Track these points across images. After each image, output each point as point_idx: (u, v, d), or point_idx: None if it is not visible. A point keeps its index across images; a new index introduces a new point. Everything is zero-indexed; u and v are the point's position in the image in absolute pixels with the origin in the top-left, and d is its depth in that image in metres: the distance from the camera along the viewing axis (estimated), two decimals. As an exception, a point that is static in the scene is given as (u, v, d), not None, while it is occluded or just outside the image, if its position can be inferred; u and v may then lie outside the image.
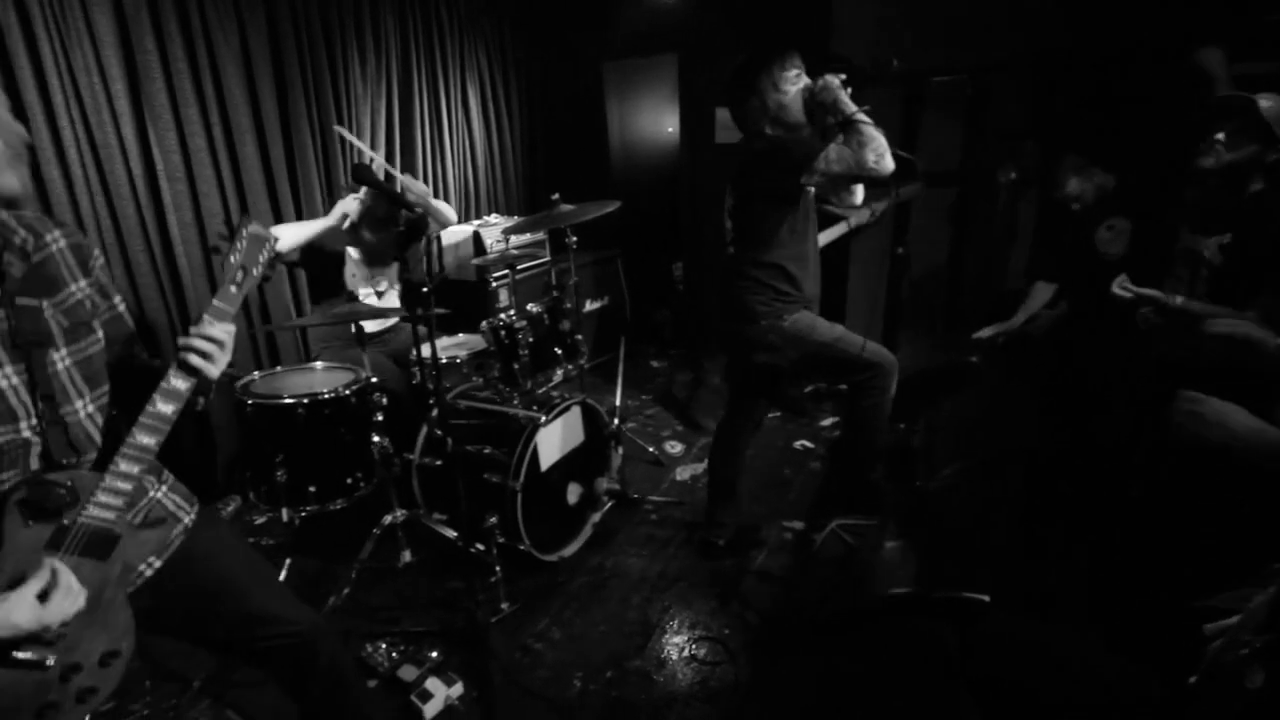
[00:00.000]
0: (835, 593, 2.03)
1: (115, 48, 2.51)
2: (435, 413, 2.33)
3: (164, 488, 1.21)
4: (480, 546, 2.24)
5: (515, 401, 2.45)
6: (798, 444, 3.33)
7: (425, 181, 3.81)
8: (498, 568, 2.22)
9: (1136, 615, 1.38)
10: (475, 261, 3.19)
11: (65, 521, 0.98)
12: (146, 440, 1.03)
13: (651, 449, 3.27)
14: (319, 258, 2.65)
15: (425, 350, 2.06)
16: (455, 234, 3.66)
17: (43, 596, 0.94)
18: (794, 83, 2.00)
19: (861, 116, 1.88)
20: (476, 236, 3.58)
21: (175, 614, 1.18)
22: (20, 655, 0.94)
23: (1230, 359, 1.70)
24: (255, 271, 1.11)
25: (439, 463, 2.34)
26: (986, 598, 1.23)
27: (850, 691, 1.49)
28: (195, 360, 1.06)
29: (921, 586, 1.48)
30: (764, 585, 2.30)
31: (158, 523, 1.14)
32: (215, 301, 1.08)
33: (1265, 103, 1.83)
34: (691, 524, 2.65)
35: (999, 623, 1.26)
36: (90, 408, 1.11)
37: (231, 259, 1.09)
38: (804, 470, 3.09)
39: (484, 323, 2.51)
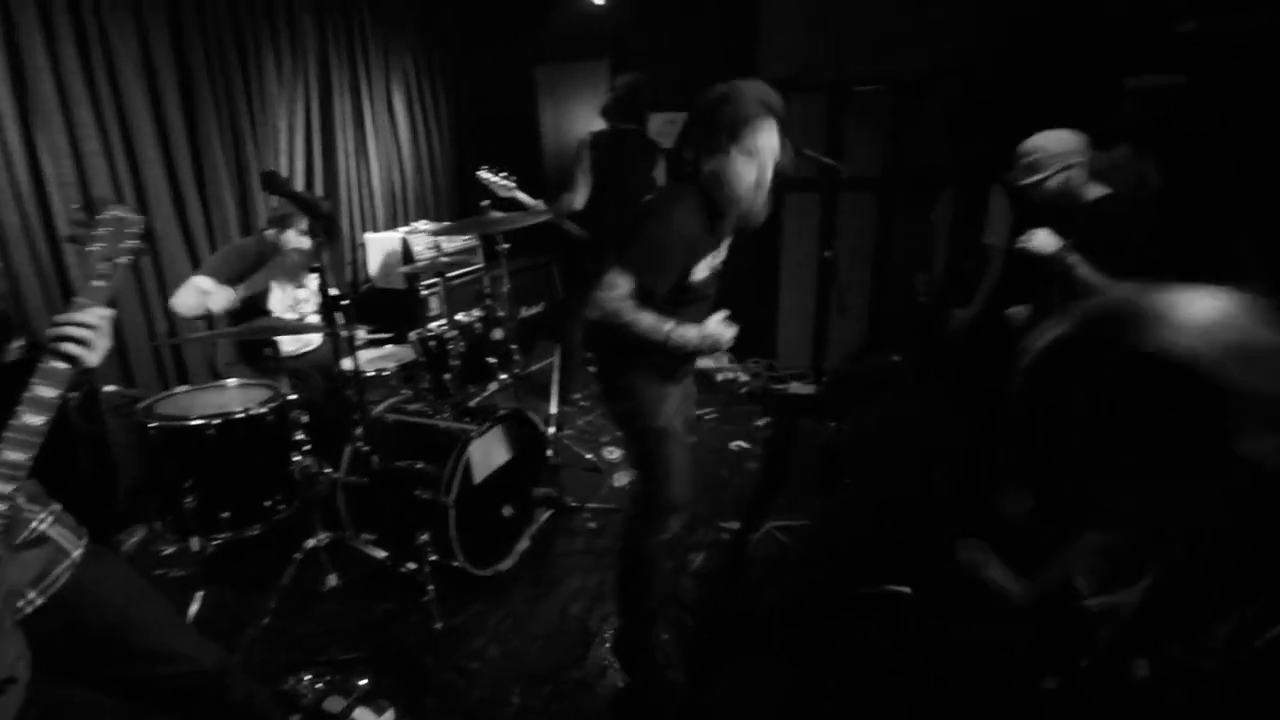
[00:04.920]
0: (767, 593, 2.06)
1: (-4, 47, 2.30)
2: (360, 429, 2.24)
3: (50, 518, 1.11)
4: (412, 566, 2.16)
5: (447, 414, 2.39)
6: (733, 445, 3.38)
7: (349, 186, 3.68)
8: (430, 586, 2.15)
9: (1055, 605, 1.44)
10: (403, 269, 3.09)
11: None
12: (16, 456, 0.94)
13: (589, 455, 3.25)
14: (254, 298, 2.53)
15: (349, 364, 1.98)
16: (383, 241, 3.55)
17: None
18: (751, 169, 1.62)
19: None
20: (404, 244, 3.47)
21: (67, 653, 1.09)
22: None
23: None
24: (122, 260, 1.05)
25: (365, 480, 2.25)
26: (908, 589, 1.27)
27: (785, 691, 1.51)
28: (71, 348, 0.98)
29: (849, 584, 1.52)
30: (701, 588, 2.32)
31: (38, 543, 1.05)
32: (78, 298, 1.01)
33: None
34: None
35: (929, 617, 1.30)
36: None
37: (94, 248, 1.03)
38: (740, 471, 3.13)
39: (413, 334, 2.43)
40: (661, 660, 1.97)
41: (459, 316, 2.48)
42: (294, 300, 2.67)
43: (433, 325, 2.40)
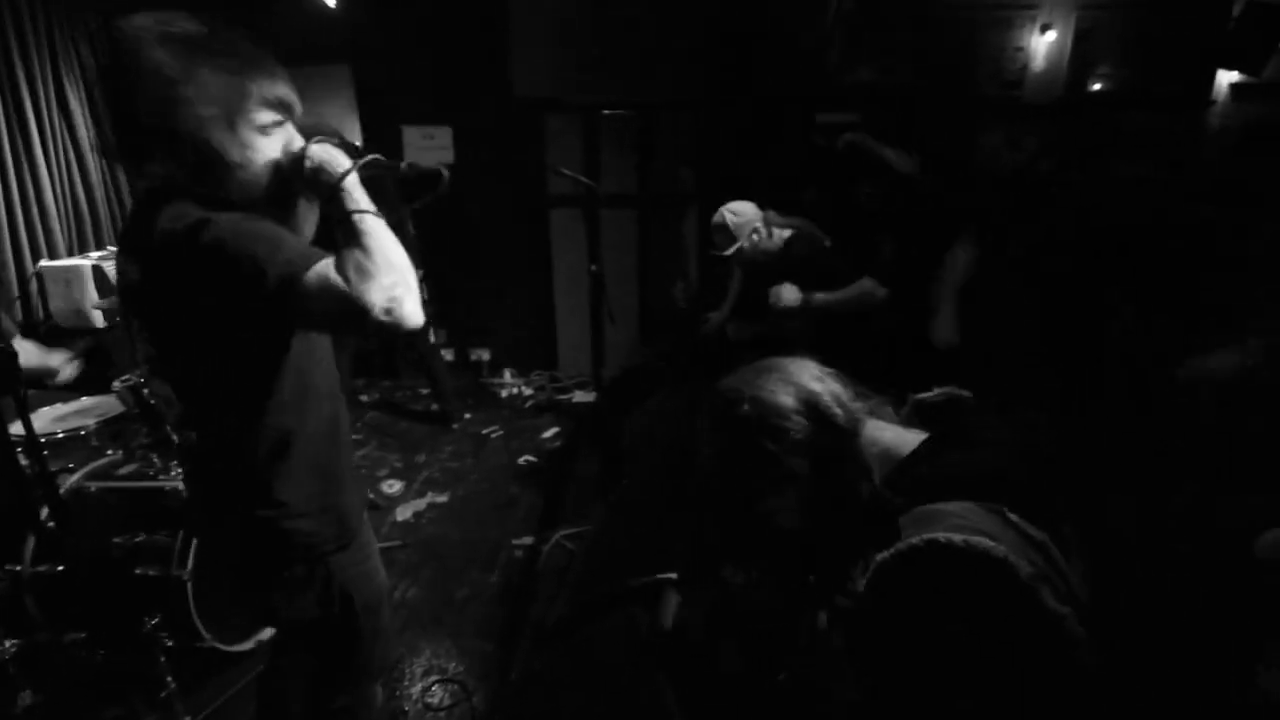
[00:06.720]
0: (557, 602, 2.12)
1: None
2: (46, 509, 1.81)
3: None
4: (143, 658, 1.81)
5: (176, 472, 2.04)
6: (522, 460, 3.39)
7: (12, 203, 2.93)
8: (169, 678, 1.82)
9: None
10: (99, 304, 2.55)
11: None
12: None
13: (369, 494, 3.01)
14: None
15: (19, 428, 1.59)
16: (66, 270, 2.89)
17: None
18: (268, 133, 1.06)
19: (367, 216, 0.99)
20: (98, 272, 2.87)
21: None
22: None
23: None
24: None
25: (61, 569, 1.83)
26: (674, 575, 1.39)
27: (566, 697, 1.57)
28: None
29: (626, 579, 1.63)
30: (497, 610, 2.29)
31: None
32: None
33: None
34: (419, 565, 2.52)
35: (683, 595, 1.42)
36: None
37: None
38: (531, 485, 3.16)
39: (117, 381, 2.03)
40: (459, 695, 1.92)
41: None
42: None
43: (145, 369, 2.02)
